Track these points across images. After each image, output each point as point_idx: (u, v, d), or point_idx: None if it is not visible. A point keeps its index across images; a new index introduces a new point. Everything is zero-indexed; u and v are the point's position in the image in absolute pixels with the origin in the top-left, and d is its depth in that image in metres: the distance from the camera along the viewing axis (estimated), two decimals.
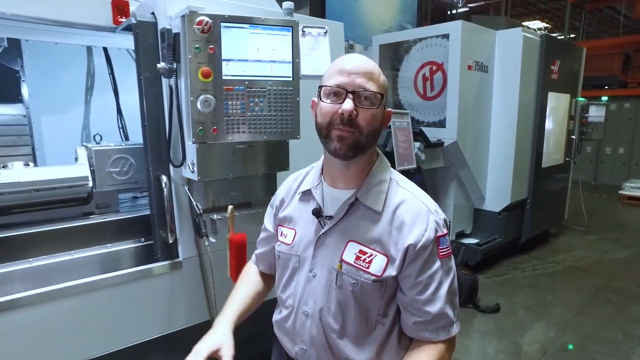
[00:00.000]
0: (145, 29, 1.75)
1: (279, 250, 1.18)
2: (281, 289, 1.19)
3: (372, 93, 0.98)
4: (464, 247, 4.02)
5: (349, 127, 0.97)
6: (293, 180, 1.24)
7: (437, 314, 1.01)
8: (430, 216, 1.02)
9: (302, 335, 1.11)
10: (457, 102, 3.65)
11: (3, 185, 1.70)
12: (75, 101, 3.00)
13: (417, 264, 1.00)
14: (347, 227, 1.05)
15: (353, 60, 1.01)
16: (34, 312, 1.64)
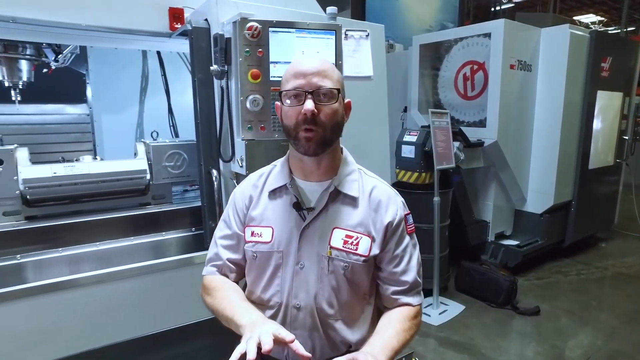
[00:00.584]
0: (200, 34, 1.90)
1: (256, 250, 1.14)
2: (261, 289, 1.15)
3: (329, 90, 1.06)
4: (503, 248, 3.96)
5: (313, 125, 1.04)
6: (257, 177, 1.23)
7: (412, 282, 1.16)
8: (398, 198, 1.19)
9: (295, 329, 1.11)
10: (498, 102, 3.60)
11: (76, 177, 1.91)
12: (131, 101, 3.25)
13: (394, 239, 1.15)
14: (329, 216, 1.12)
15: (306, 62, 1.09)
16: (98, 290, 1.82)
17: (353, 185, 1.14)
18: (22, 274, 1.77)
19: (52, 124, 2.80)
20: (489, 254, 4.07)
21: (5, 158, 1.80)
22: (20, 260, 1.77)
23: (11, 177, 1.83)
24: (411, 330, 1.13)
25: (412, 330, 1.13)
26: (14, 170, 1.84)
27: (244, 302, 1.13)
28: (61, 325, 1.75)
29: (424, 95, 4.47)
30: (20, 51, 2.12)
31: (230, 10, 1.89)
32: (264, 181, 1.21)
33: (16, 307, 1.66)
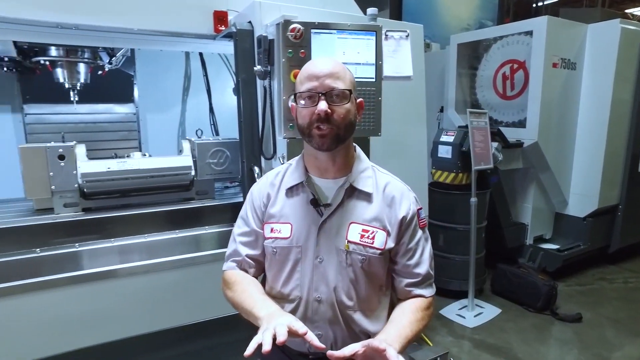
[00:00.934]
0: (244, 36, 1.97)
1: (275, 246, 1.19)
2: (281, 284, 1.20)
3: (341, 91, 1.10)
4: (542, 252, 3.84)
5: (327, 124, 1.08)
6: (274, 176, 1.27)
7: (425, 275, 1.21)
8: (410, 193, 1.22)
9: (316, 321, 1.16)
10: (539, 102, 3.50)
11: (128, 172, 2.03)
12: (174, 100, 3.39)
13: (408, 233, 1.19)
14: (346, 211, 1.16)
15: (319, 65, 1.13)
16: (146, 280, 1.93)
17: (367, 181, 1.18)
18: (79, 262, 1.90)
19: (103, 123, 2.97)
20: (526, 258, 3.96)
21: (66, 154, 1.94)
22: (79, 248, 1.90)
23: (71, 172, 1.98)
24: (424, 320, 1.16)
25: (424, 320, 1.17)
26: (74, 165, 1.98)
27: (262, 295, 1.16)
28: (112, 310, 1.87)
29: (461, 94, 4.40)
30: (79, 55, 2.27)
31: (272, 12, 1.95)
32: (281, 179, 1.25)
33: (73, 292, 1.80)
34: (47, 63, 2.28)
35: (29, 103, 2.73)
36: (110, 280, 1.86)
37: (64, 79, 2.33)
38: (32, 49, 2.22)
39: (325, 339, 1.17)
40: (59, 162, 1.95)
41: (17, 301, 1.70)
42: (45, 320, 1.75)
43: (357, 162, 1.21)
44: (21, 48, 2.15)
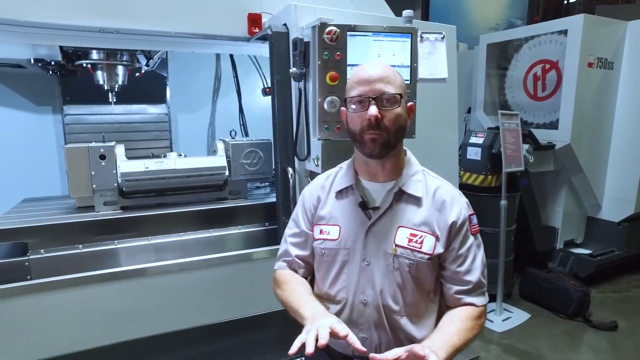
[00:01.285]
0: (279, 38, 1.99)
1: (324, 247, 1.21)
2: (328, 285, 1.21)
3: (392, 95, 1.09)
4: (573, 256, 3.75)
5: (377, 129, 1.08)
6: (325, 179, 1.30)
7: (476, 283, 1.16)
8: (461, 198, 1.19)
9: (361, 324, 1.16)
10: (572, 103, 3.41)
11: (165, 171, 2.09)
12: (204, 101, 3.46)
13: (458, 239, 1.15)
14: (394, 215, 1.15)
15: (369, 69, 1.13)
16: (180, 277, 1.97)
17: (417, 185, 1.17)
18: (118, 259, 1.96)
19: (136, 123, 3.05)
20: (556, 262, 3.87)
21: (107, 153, 2.01)
22: (117, 245, 1.97)
23: (111, 171, 2.04)
24: (473, 330, 1.13)
25: (474, 330, 1.13)
26: (114, 164, 2.04)
27: (309, 295, 1.19)
28: (148, 307, 1.92)
29: (489, 96, 4.33)
30: (118, 58, 2.34)
31: (308, 15, 1.97)
32: (331, 182, 1.27)
33: (112, 287, 1.86)
34: (89, 66, 2.36)
35: (69, 104, 2.84)
36: (148, 277, 1.92)
37: (104, 81, 2.41)
38: (75, 53, 2.30)
39: (370, 342, 1.17)
40: (100, 161, 2.02)
41: (61, 295, 1.77)
42: (85, 314, 1.81)
43: (407, 166, 1.20)
44: (66, 52, 2.23)
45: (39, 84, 2.82)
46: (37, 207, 2.18)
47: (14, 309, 1.70)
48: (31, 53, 2.20)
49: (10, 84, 2.76)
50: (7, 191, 2.70)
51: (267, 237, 2.19)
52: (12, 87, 2.77)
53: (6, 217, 1.98)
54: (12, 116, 2.80)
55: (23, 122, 2.84)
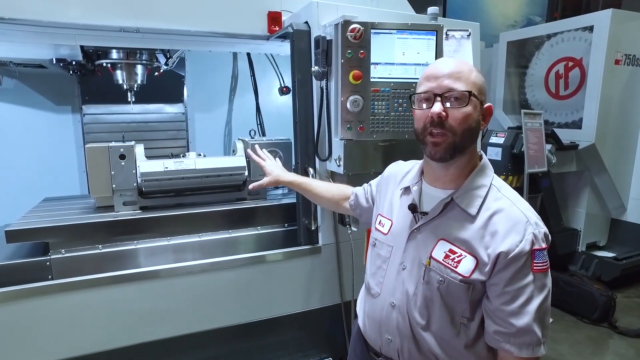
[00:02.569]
0: (301, 36, 1.96)
1: (376, 237, 1.23)
2: (370, 274, 1.24)
3: (460, 92, 1.00)
4: (596, 259, 3.65)
5: (441, 128, 1.01)
6: (400, 166, 1.31)
7: (521, 329, 0.98)
8: (529, 227, 0.99)
9: (388, 325, 1.14)
10: (597, 101, 3.32)
11: (185, 171, 2.07)
12: (221, 100, 3.45)
13: (507, 273, 0.98)
14: (440, 226, 1.07)
15: (441, 64, 1.06)
16: (200, 279, 1.96)
17: (475, 201, 1.04)
18: (138, 259, 1.95)
19: (153, 122, 3.05)
20: (578, 265, 3.77)
21: (127, 153, 2.00)
22: (137, 246, 1.95)
23: (130, 171, 2.03)
24: None
25: None
26: (133, 164, 2.03)
27: (314, 181, 1.68)
28: (167, 308, 1.91)
29: (509, 95, 4.25)
30: (137, 57, 2.34)
31: (330, 13, 1.93)
32: (404, 175, 1.26)
33: (132, 288, 1.85)
34: (109, 65, 2.36)
35: (87, 104, 2.84)
36: (167, 278, 1.90)
37: (123, 80, 2.40)
38: (95, 53, 2.30)
39: (393, 344, 1.14)
40: (120, 161, 2.01)
41: (82, 295, 1.76)
42: (105, 315, 1.80)
43: (474, 175, 1.07)
44: (87, 52, 2.23)
45: (59, 84, 2.84)
46: (57, 206, 2.18)
47: (36, 309, 1.69)
48: (53, 53, 2.20)
49: (31, 84, 2.79)
50: (28, 190, 2.72)
51: (286, 239, 2.16)
52: (33, 87, 2.79)
53: (28, 216, 1.98)
54: (32, 116, 2.82)
55: (43, 122, 2.87)
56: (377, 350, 1.19)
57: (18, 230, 1.75)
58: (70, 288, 1.74)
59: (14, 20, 1.80)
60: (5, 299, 1.64)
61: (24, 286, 1.67)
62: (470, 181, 1.06)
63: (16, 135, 2.79)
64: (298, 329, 2.17)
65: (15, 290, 1.65)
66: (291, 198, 2.22)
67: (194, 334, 1.97)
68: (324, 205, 1.71)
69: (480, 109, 1.05)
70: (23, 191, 2.72)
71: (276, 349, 2.16)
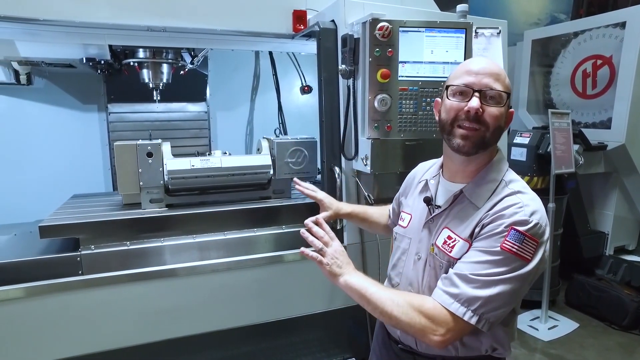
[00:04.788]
0: (327, 35, 1.95)
1: (396, 232, 1.29)
2: (391, 267, 1.29)
3: (498, 92, 1.03)
4: (625, 264, 3.54)
5: (476, 123, 1.02)
6: (423, 166, 1.36)
7: (449, 276, 1.02)
8: (520, 211, 0.98)
9: None
10: (629, 100, 3.22)
11: (210, 170, 2.08)
12: (243, 99, 3.46)
13: (480, 241, 1.01)
14: (449, 216, 1.12)
15: (480, 62, 1.08)
16: (225, 277, 1.97)
17: (482, 194, 1.06)
18: (164, 256, 1.97)
19: (176, 121, 3.09)
20: (606, 269, 3.67)
21: (154, 151, 2.02)
22: (164, 243, 1.97)
23: (157, 169, 2.05)
24: (403, 314, 0.99)
25: (404, 315, 0.99)
26: (160, 162, 2.05)
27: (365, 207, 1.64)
28: (193, 305, 1.92)
29: (533, 94, 4.16)
30: (164, 56, 2.36)
31: (356, 11, 1.92)
32: (424, 171, 1.30)
33: (159, 285, 1.87)
34: (135, 64, 2.39)
35: (113, 103, 2.89)
36: (194, 276, 1.92)
37: (149, 79, 2.43)
38: (123, 52, 2.34)
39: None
40: (147, 159, 2.03)
41: (111, 291, 1.79)
42: (132, 311, 1.83)
43: (486, 170, 1.09)
44: (114, 51, 2.26)
45: (86, 83, 2.89)
46: (86, 203, 2.22)
47: (67, 303, 1.73)
48: (83, 53, 2.24)
49: (60, 83, 2.85)
50: (56, 186, 2.78)
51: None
52: (61, 87, 2.85)
53: (59, 212, 2.02)
54: (61, 114, 2.88)
55: (71, 120, 2.93)
56: (397, 339, 1.23)
57: (51, 226, 1.79)
58: (100, 284, 1.77)
59: (47, 21, 1.85)
60: (38, 293, 1.68)
61: (56, 280, 1.71)
62: (481, 175, 1.09)
63: (46, 134, 2.85)
64: (321, 328, 2.16)
65: (49, 285, 1.69)
66: None
67: (216, 332, 1.98)
68: (379, 230, 1.61)
69: (505, 112, 1.07)
70: (51, 187, 2.78)
71: (299, 348, 2.16)
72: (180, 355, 1.93)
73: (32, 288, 1.67)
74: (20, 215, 2.43)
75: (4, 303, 1.64)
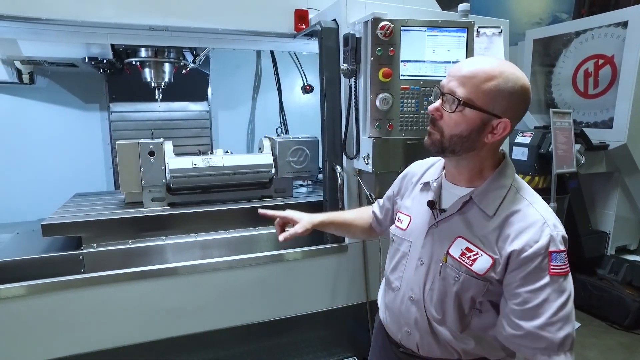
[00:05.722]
0: (329, 34, 1.95)
1: (394, 233, 1.25)
2: (390, 270, 1.25)
3: (454, 97, 0.97)
4: (627, 264, 3.52)
5: (431, 126, 1.05)
6: (420, 165, 1.30)
7: (530, 332, 0.95)
8: (546, 228, 0.96)
9: (407, 318, 1.16)
10: (630, 100, 3.20)
11: (212, 168, 2.09)
12: (244, 98, 3.47)
13: (520, 273, 0.96)
14: (458, 223, 1.07)
15: (465, 63, 1.02)
16: (227, 275, 1.97)
17: (493, 202, 1.03)
18: (166, 255, 1.97)
19: (178, 120, 3.09)
20: (607, 269, 3.65)
21: (157, 150, 2.03)
22: (165, 242, 1.98)
23: (159, 167, 2.06)
24: None
25: None
26: (162, 160, 2.06)
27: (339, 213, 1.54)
28: (195, 304, 1.93)
29: (535, 94, 4.15)
30: (165, 55, 2.37)
31: (358, 10, 1.92)
32: (424, 171, 1.25)
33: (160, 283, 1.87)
34: (137, 63, 2.40)
35: (115, 102, 2.90)
36: (195, 274, 1.92)
37: (151, 78, 2.44)
38: (125, 51, 2.34)
39: (413, 337, 1.16)
40: (149, 158, 2.04)
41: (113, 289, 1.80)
42: (133, 309, 1.84)
43: (494, 177, 1.05)
44: (117, 50, 2.27)
45: (88, 82, 2.90)
46: (88, 202, 2.23)
47: (69, 301, 1.74)
48: (85, 52, 2.25)
49: (63, 83, 2.86)
50: (58, 185, 2.79)
51: (312, 237, 2.13)
52: (64, 86, 2.86)
53: (61, 211, 2.03)
54: (63, 113, 2.89)
55: (73, 120, 2.94)
56: (398, 342, 1.22)
57: (53, 225, 1.80)
58: (102, 282, 1.78)
59: (50, 20, 1.85)
60: (41, 291, 1.69)
61: (59, 279, 1.71)
62: (490, 182, 1.05)
63: (48, 133, 2.86)
64: (323, 327, 2.16)
65: (51, 283, 1.70)
66: (317, 196, 2.22)
67: (218, 331, 1.98)
68: (359, 234, 1.55)
69: (485, 121, 0.98)
70: (54, 186, 2.80)
71: (300, 347, 2.16)
72: (182, 353, 1.94)
73: (35, 286, 1.68)
74: (22, 214, 2.45)
75: (6, 301, 1.65)
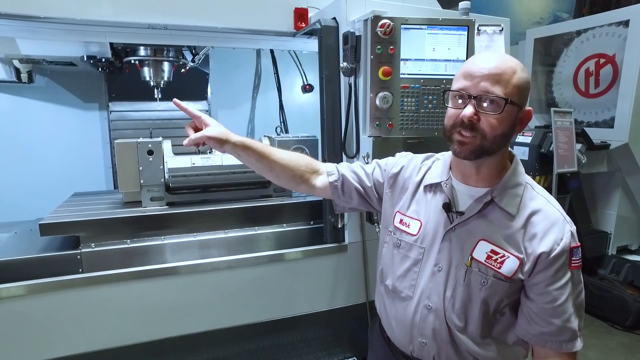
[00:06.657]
0: (329, 32, 1.94)
1: (401, 239, 1.17)
2: (397, 278, 1.17)
3: (495, 97, 0.94)
4: (628, 264, 3.51)
5: (470, 131, 0.96)
6: (421, 161, 1.22)
7: (562, 327, 1.00)
8: (566, 226, 1.00)
9: (422, 329, 1.11)
10: (632, 99, 3.19)
11: (211, 168, 2.08)
12: (244, 97, 3.46)
13: (549, 272, 0.98)
14: (479, 226, 1.04)
15: (480, 61, 0.98)
16: (226, 275, 1.96)
17: (514, 200, 1.02)
18: (165, 254, 1.96)
19: (177, 119, 3.08)
20: (608, 269, 3.64)
21: (155, 149, 2.02)
22: (164, 241, 1.97)
23: (158, 166, 2.05)
24: None
25: None
26: (161, 160, 2.05)
27: (267, 146, 1.29)
28: (194, 304, 1.92)
29: (535, 93, 4.14)
30: (165, 54, 2.36)
31: (358, 8, 1.91)
32: (425, 171, 1.19)
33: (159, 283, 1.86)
34: (136, 62, 2.39)
35: (114, 101, 2.89)
36: (194, 274, 1.91)
37: (150, 77, 2.43)
38: (124, 50, 2.33)
39: (429, 349, 1.11)
40: (148, 157, 2.03)
41: (111, 289, 1.79)
42: (132, 309, 1.83)
43: (509, 175, 1.04)
44: (115, 49, 2.26)
45: (87, 82, 2.90)
46: (87, 201, 2.22)
47: (67, 301, 1.73)
48: (84, 50, 2.24)
49: (61, 82, 2.85)
50: (57, 184, 2.78)
51: (312, 236, 2.15)
52: (62, 85, 2.86)
53: (59, 210, 2.02)
54: (62, 113, 2.89)
55: (72, 119, 2.93)
56: (408, 354, 1.16)
57: (52, 224, 1.79)
58: (101, 281, 1.77)
59: (48, 18, 1.85)
60: (39, 290, 1.68)
61: (57, 278, 1.70)
62: (507, 180, 1.04)
63: (47, 132, 2.86)
64: (322, 327, 2.15)
65: (49, 282, 1.69)
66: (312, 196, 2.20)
67: (217, 331, 1.97)
68: (282, 179, 1.29)
69: (517, 113, 0.99)
70: (52, 185, 2.79)
71: (300, 347, 2.15)
72: (181, 353, 1.93)
73: (33, 286, 1.67)
74: (20, 213, 2.44)
75: (5, 301, 1.64)
